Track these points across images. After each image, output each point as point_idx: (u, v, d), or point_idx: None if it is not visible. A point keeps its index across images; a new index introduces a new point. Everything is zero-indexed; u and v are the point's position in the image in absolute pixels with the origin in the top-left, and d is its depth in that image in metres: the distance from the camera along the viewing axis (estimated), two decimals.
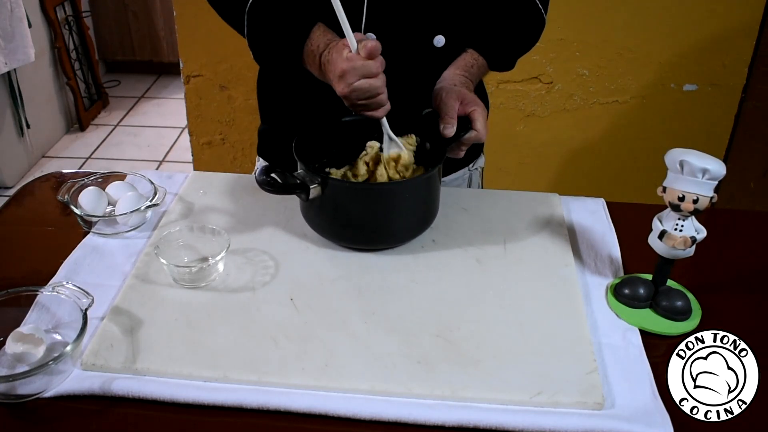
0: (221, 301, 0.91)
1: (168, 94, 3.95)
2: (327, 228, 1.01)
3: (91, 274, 0.97)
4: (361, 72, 0.92)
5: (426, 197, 1.01)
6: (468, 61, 1.11)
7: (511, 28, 1.14)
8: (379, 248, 1.02)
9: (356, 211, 0.98)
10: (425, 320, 0.89)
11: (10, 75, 2.94)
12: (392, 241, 1.02)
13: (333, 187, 0.96)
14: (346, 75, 0.93)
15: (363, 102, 0.95)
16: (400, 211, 0.99)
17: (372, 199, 0.99)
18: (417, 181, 1.01)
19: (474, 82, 1.11)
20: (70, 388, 0.79)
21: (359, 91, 0.93)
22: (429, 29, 1.10)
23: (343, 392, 0.79)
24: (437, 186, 1.03)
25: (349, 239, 1.01)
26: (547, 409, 0.78)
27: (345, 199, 0.98)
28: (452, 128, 1.00)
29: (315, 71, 1.02)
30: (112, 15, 3.88)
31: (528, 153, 2.27)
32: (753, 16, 2.02)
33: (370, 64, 0.92)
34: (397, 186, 1.01)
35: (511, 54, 1.16)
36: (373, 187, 1.01)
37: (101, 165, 3.23)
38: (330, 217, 0.99)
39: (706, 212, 0.86)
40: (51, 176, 1.23)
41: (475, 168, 1.30)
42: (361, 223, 0.99)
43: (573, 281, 0.97)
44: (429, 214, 1.03)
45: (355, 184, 1.02)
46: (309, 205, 1.00)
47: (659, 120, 2.18)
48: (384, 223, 1.00)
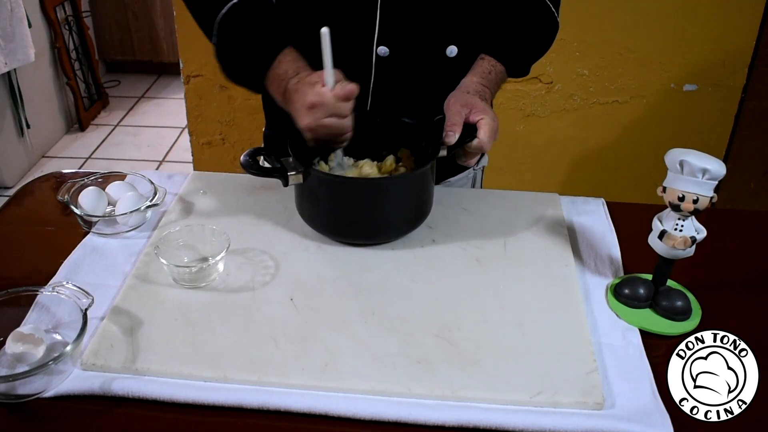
0: (221, 301, 0.91)
1: (168, 94, 3.95)
2: (313, 219, 1.02)
3: (91, 274, 0.97)
4: (331, 110, 0.92)
5: (415, 194, 1.01)
6: (485, 67, 1.10)
7: (526, 32, 1.12)
8: (366, 243, 1.02)
9: (340, 203, 0.99)
10: (425, 320, 0.89)
11: (10, 75, 2.94)
12: (379, 236, 1.02)
13: (315, 178, 0.97)
14: (315, 109, 0.93)
15: (326, 138, 0.97)
16: (385, 206, 1.00)
17: (354, 193, 0.99)
18: (401, 177, 1.02)
19: (492, 89, 1.09)
20: (70, 388, 0.79)
21: (326, 127, 0.94)
22: (441, 40, 1.09)
23: (343, 392, 0.79)
24: (427, 184, 1.02)
25: (336, 232, 1.02)
26: (547, 409, 0.78)
27: (328, 191, 0.99)
28: (454, 136, 0.98)
29: (277, 96, 1.01)
30: (112, 15, 3.88)
31: (528, 153, 2.27)
32: (753, 16, 2.02)
33: (342, 104, 0.92)
34: (382, 182, 1.01)
35: (526, 59, 1.14)
36: (354, 181, 1.01)
37: (101, 165, 3.23)
38: (315, 208, 1.01)
39: (706, 212, 0.86)
40: (51, 176, 1.23)
41: (479, 167, 1.31)
42: (346, 216, 1.00)
43: (573, 281, 0.97)
44: (420, 212, 1.04)
45: (336, 177, 1.02)
46: (300, 197, 1.02)
47: (659, 120, 2.18)
48: (369, 218, 1.00)
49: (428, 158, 0.99)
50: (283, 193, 1.07)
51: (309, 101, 0.93)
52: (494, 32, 1.12)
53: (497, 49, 1.11)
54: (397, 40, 1.07)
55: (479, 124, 0.99)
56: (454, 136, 0.98)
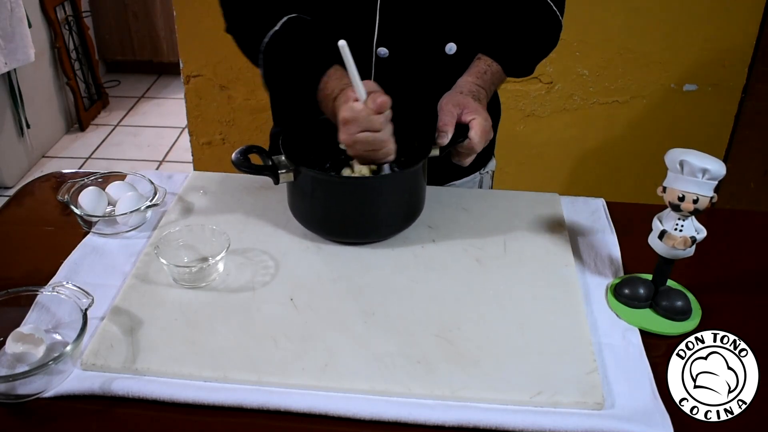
0: (221, 301, 0.91)
1: (168, 94, 3.95)
2: (305, 218, 1.03)
3: (91, 274, 0.97)
4: (363, 125, 0.90)
5: (407, 192, 1.01)
6: (481, 67, 1.09)
7: (525, 32, 1.12)
8: (358, 242, 1.02)
9: (331, 202, 0.99)
10: (425, 320, 0.89)
11: (10, 75, 2.94)
12: (371, 235, 1.02)
13: (306, 177, 0.97)
14: (348, 125, 0.91)
15: (367, 152, 0.94)
16: (375, 205, 1.00)
17: (344, 192, 0.99)
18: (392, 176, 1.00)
19: (488, 89, 1.08)
20: (70, 388, 0.79)
21: (362, 143, 0.92)
22: (440, 37, 1.09)
23: (343, 392, 0.79)
24: (418, 182, 1.02)
25: (328, 231, 1.02)
26: (547, 409, 0.78)
27: (318, 190, 0.99)
28: (446, 136, 0.98)
29: (329, 115, 0.99)
30: (112, 15, 3.88)
31: (528, 153, 2.27)
32: (753, 16, 2.02)
33: (374, 118, 0.89)
34: (372, 181, 1.00)
35: (527, 59, 1.13)
36: (345, 180, 1.00)
37: (101, 165, 3.23)
38: (306, 206, 1.01)
39: (706, 212, 0.86)
40: (51, 176, 1.23)
41: (486, 171, 1.30)
42: (337, 214, 1.00)
43: (573, 281, 0.97)
44: (411, 210, 1.04)
45: (326, 175, 1.02)
46: (292, 196, 1.02)
47: (659, 120, 2.18)
48: (360, 217, 1.01)
49: (419, 157, 0.99)
50: (283, 193, 1.07)
51: (342, 117, 0.91)
52: (493, 31, 1.11)
53: (495, 49, 1.10)
54: (396, 40, 1.07)
55: (471, 124, 0.99)
56: (447, 136, 0.98)
